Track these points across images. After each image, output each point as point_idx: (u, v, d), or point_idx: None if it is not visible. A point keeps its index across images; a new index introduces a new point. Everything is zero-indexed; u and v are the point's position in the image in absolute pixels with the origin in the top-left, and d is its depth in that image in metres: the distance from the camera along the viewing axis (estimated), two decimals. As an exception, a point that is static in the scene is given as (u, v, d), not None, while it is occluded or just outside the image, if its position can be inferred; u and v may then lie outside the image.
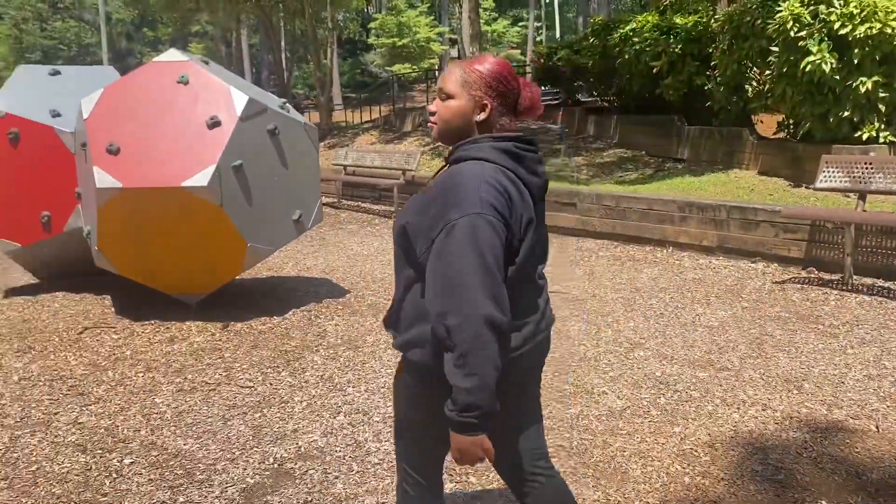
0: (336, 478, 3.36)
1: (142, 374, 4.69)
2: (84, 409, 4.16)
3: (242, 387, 4.47)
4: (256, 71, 41.27)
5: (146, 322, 5.68)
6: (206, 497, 3.22)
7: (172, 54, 5.71)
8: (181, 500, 3.21)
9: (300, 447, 3.67)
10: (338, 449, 3.63)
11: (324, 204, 13.14)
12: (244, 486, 3.31)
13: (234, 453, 3.62)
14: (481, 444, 1.82)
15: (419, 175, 12.27)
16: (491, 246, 1.80)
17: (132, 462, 3.54)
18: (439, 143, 13.12)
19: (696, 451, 3.52)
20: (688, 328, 5.42)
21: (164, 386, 4.50)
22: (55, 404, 4.22)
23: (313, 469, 3.44)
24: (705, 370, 4.57)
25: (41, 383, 4.54)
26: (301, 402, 4.23)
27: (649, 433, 3.72)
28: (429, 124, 2.09)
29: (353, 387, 4.43)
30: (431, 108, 2.05)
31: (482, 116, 1.99)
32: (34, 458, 3.57)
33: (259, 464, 3.51)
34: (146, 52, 46.74)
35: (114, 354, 5.06)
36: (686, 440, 3.63)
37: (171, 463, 3.53)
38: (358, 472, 3.42)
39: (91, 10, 46.17)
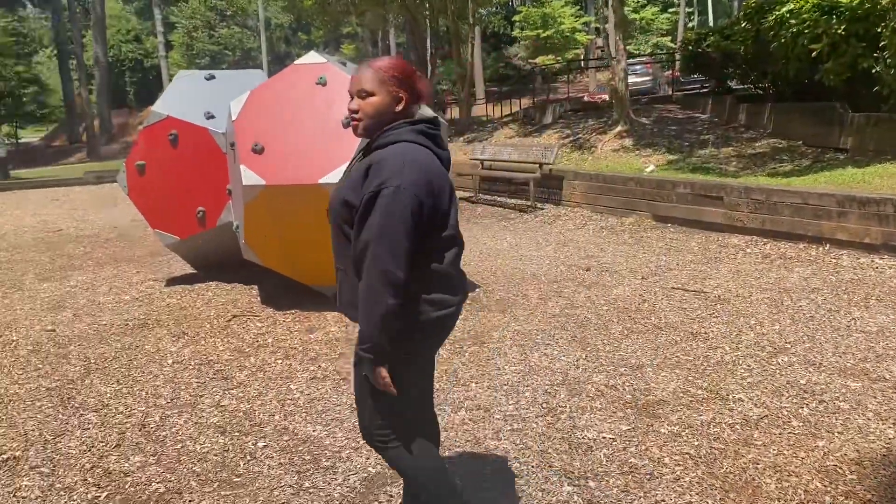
0: (454, 473, 3.38)
1: (280, 361, 4.95)
2: (226, 392, 4.45)
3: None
4: (403, 69, 42.27)
5: (288, 311, 5.99)
6: (329, 483, 3.34)
7: (312, 57, 5.96)
8: (307, 484, 3.34)
9: (421, 440, 3.72)
10: (457, 444, 3.65)
11: (460, 199, 13.30)
12: (366, 475, 3.41)
13: (358, 442, 3.73)
14: (380, 375, 2.20)
15: (556, 168, 12.11)
16: (403, 215, 2.11)
17: (265, 445, 3.74)
18: (577, 136, 12.71)
19: (840, 468, 3.24)
20: (841, 333, 5.00)
21: (299, 373, 4.72)
22: (201, 387, 4.54)
23: (432, 463, 3.47)
24: (858, 380, 4.19)
25: (191, 367, 4.90)
26: (425, 395, 4.28)
27: (788, 445, 3.46)
28: (352, 122, 2.29)
29: (476, 383, 4.44)
30: (353, 106, 2.30)
31: (401, 108, 2.30)
32: (179, 437, 3.86)
33: (381, 454, 3.59)
34: (301, 54, 49.28)
35: (257, 341, 5.37)
36: (830, 455, 3.35)
37: (300, 448, 3.69)
38: (476, 468, 3.42)
39: (253, 17, 49.25)
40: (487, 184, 13.72)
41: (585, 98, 23.46)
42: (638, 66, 26.24)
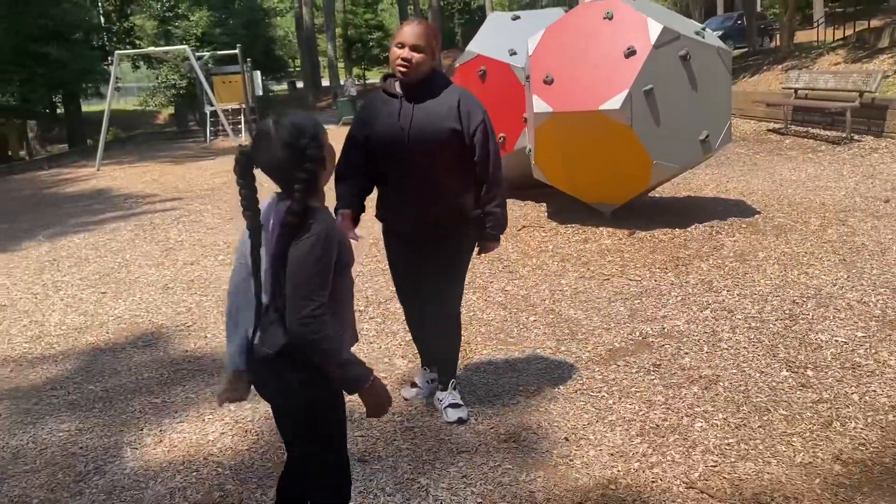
0: (685, 353, 3.97)
1: (556, 263, 5.80)
2: (510, 281, 5.44)
3: (631, 280, 5.26)
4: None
5: (569, 225, 6.79)
6: (581, 349, 4.14)
7: (602, -7, 6.52)
8: (562, 349, 4.18)
9: (664, 328, 4.34)
10: (695, 334, 4.21)
11: (769, 129, 12.81)
12: (611, 347, 4.14)
13: (609, 325, 4.47)
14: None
15: (880, 97, 11.10)
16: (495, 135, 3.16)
17: (534, 320, 4.65)
18: None
19: None
20: None
21: (570, 273, 5.54)
22: (491, 277, 5.59)
23: (669, 344, 4.09)
24: None
25: (485, 263, 5.96)
26: (676, 296, 4.85)
27: None
28: (402, 70, 2.95)
29: (728, 290, 4.87)
30: (405, 55, 2.97)
31: (434, 61, 3.05)
32: (472, 309, 4.92)
33: (627, 335, 4.29)
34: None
35: (540, 247, 6.29)
36: None
37: (561, 325, 4.54)
38: (707, 352, 3.96)
39: (572, -48, 49.45)
40: (800, 114, 12.97)
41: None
42: None
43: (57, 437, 3.53)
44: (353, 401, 3.66)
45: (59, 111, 25.22)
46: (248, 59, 23.01)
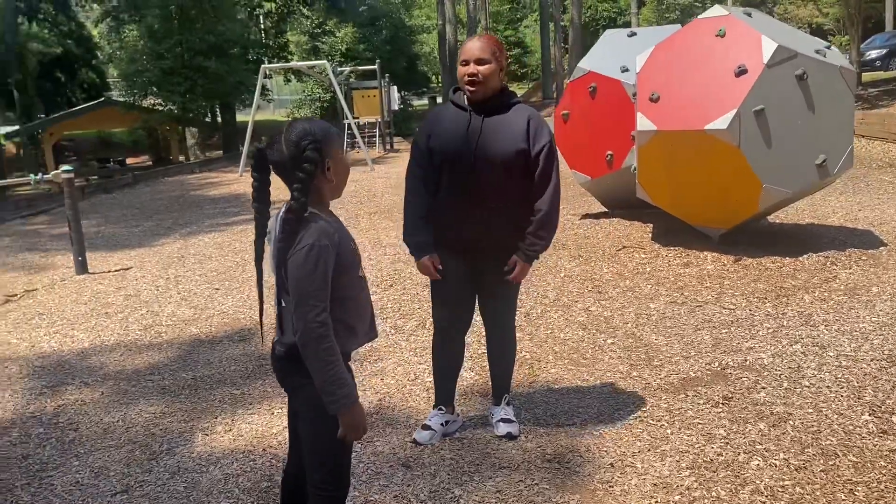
0: (762, 388, 3.76)
1: (650, 286, 5.64)
2: (597, 302, 5.34)
3: (724, 308, 5.02)
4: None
5: (672, 248, 6.56)
6: (653, 376, 4.02)
7: (716, 10, 6.28)
8: (634, 374, 4.07)
9: (746, 360, 4.12)
10: (777, 368, 3.97)
11: (925, 157, 11.78)
12: (685, 376, 3.99)
13: (689, 353, 4.30)
14: None
15: None
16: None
17: (612, 343, 4.55)
18: None
19: None
20: None
21: (662, 297, 5.36)
22: (578, 296, 5.51)
23: (746, 377, 3.89)
24: None
25: (577, 281, 5.89)
26: (768, 328, 4.58)
27: None
28: (471, 86, 2.92)
29: (826, 325, 4.55)
30: (472, 70, 2.99)
31: (503, 75, 3.07)
32: (550, 327, 4.89)
33: (705, 365, 4.12)
34: (776, 1, 45.84)
35: (637, 269, 6.12)
36: None
37: (638, 350, 4.41)
38: (786, 388, 3.73)
39: (726, -35, 47.38)
40: (961, 140, 11.83)
41: None
42: None
43: (143, 418, 3.86)
44: (402, 410, 3.77)
45: (218, 119, 27.25)
46: (387, 75, 23.83)
